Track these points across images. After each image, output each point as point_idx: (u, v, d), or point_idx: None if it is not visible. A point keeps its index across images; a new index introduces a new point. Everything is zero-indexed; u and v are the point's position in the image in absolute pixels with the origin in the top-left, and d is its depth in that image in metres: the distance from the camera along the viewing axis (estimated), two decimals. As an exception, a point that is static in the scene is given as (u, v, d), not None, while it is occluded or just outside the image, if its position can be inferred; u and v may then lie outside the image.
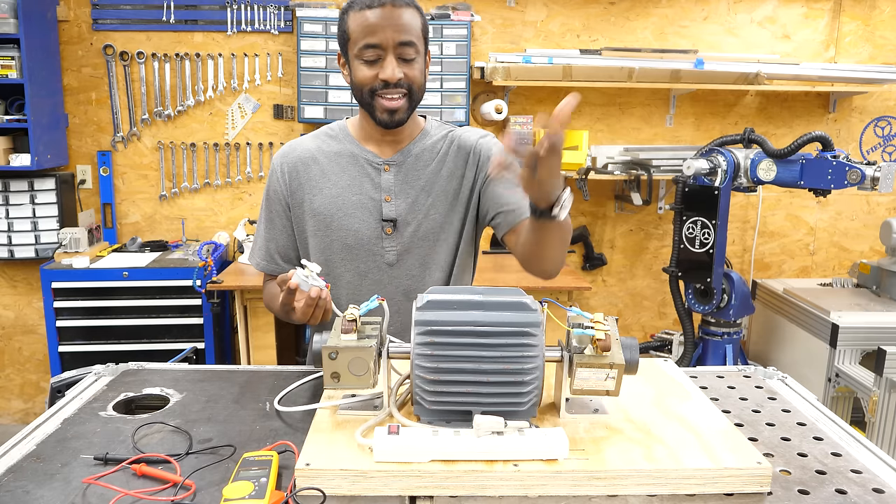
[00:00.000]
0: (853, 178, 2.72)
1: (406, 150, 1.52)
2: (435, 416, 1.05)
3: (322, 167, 1.52)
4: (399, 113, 1.42)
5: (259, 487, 0.89)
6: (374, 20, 1.35)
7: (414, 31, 1.38)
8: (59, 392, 1.34)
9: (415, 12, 1.40)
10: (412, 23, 1.38)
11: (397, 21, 1.35)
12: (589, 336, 1.05)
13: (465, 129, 1.60)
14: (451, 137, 1.57)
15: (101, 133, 3.58)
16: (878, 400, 2.55)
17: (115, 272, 3.15)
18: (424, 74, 1.45)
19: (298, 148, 1.55)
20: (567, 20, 3.63)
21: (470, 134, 1.57)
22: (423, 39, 1.42)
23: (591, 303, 3.88)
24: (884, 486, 0.99)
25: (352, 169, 1.51)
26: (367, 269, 1.51)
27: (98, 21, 3.47)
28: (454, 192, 1.53)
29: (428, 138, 1.55)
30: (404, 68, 1.39)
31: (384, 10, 1.34)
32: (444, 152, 1.54)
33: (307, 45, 3.40)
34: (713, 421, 1.11)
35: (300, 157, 1.53)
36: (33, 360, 3.74)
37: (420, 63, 1.42)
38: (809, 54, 3.73)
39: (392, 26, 1.35)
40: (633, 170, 3.49)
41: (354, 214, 1.49)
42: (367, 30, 1.35)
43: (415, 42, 1.38)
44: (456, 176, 1.54)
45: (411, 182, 1.51)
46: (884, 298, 3.18)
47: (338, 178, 1.50)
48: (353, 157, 1.51)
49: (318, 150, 1.53)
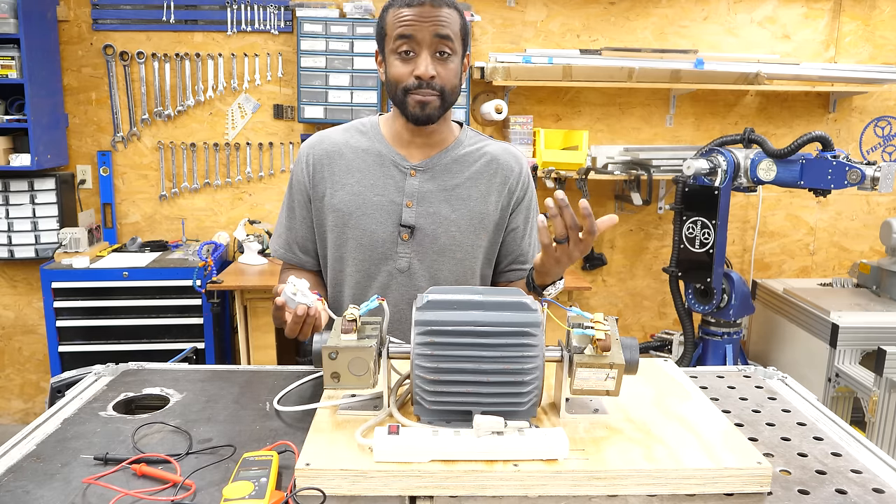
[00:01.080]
0: (853, 178, 2.72)
1: (436, 158, 1.49)
2: (435, 416, 1.05)
3: (348, 162, 1.49)
4: (430, 108, 1.39)
5: (259, 487, 0.89)
6: (412, 14, 1.35)
7: (452, 27, 1.37)
8: (59, 392, 1.34)
9: (454, 12, 1.39)
10: (451, 20, 1.37)
11: (437, 16, 1.35)
12: (589, 336, 1.05)
13: (499, 145, 1.56)
14: (487, 154, 1.52)
15: (101, 133, 3.58)
16: (878, 400, 2.55)
17: (115, 272, 3.15)
18: (460, 78, 1.43)
19: (327, 140, 1.53)
20: (567, 20, 3.63)
21: (507, 157, 1.53)
22: (461, 40, 1.40)
23: (591, 303, 3.88)
24: (884, 486, 0.99)
25: (377, 168, 1.48)
26: (377, 272, 1.49)
27: (98, 21, 3.47)
28: (481, 214, 1.49)
29: (461, 148, 1.51)
30: (439, 67, 1.37)
31: (423, 7, 1.35)
32: (479, 170, 1.50)
33: (307, 45, 3.40)
34: (713, 421, 1.11)
35: (327, 149, 1.51)
36: (33, 360, 3.74)
37: (456, 64, 1.40)
38: (809, 54, 3.73)
39: (430, 20, 1.34)
40: (633, 170, 3.49)
41: (373, 215, 1.46)
42: (404, 23, 1.35)
43: (452, 38, 1.37)
44: (489, 200, 1.50)
45: (436, 192, 1.47)
46: (884, 298, 3.18)
47: (362, 175, 1.48)
48: (380, 157, 1.48)
49: (345, 145, 1.51)
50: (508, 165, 1.52)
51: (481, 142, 1.55)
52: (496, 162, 1.51)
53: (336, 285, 1.55)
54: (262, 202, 3.66)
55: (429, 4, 1.35)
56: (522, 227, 1.56)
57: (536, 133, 3.51)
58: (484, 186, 1.50)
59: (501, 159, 1.52)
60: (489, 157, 1.51)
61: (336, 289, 1.55)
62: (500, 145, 1.56)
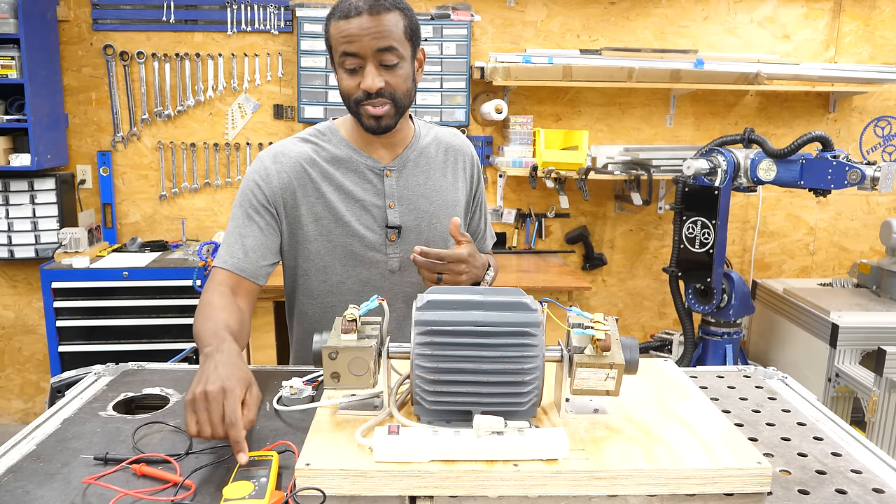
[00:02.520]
0: (853, 178, 2.72)
1: (405, 155, 1.51)
2: (435, 416, 1.05)
3: (322, 170, 1.46)
4: (385, 119, 1.39)
5: (259, 487, 0.89)
6: (351, 29, 1.31)
7: (394, 35, 1.33)
8: (59, 392, 1.34)
9: (396, 15, 1.34)
10: (392, 28, 1.33)
11: (375, 28, 1.31)
12: (589, 336, 1.05)
13: (446, 130, 1.62)
14: (441, 141, 1.58)
15: (101, 133, 3.58)
16: (878, 400, 2.55)
17: (115, 272, 3.15)
18: (413, 77, 1.41)
19: (291, 151, 1.47)
20: (567, 20, 3.63)
21: (459, 141, 1.61)
22: (408, 42, 1.37)
23: (591, 303, 3.88)
24: (884, 486, 0.99)
25: (353, 174, 1.47)
26: (370, 276, 1.49)
27: (98, 21, 3.47)
28: (454, 202, 1.56)
29: (421, 140, 1.55)
30: (386, 76, 1.35)
31: (360, 18, 1.31)
32: (442, 160, 1.56)
33: (307, 45, 3.40)
34: (713, 421, 1.11)
35: (296, 160, 1.46)
36: (33, 360, 3.74)
37: (405, 68, 1.37)
38: (809, 54, 3.73)
39: (369, 34, 1.31)
40: (633, 170, 3.49)
41: (360, 221, 1.46)
42: (345, 39, 1.32)
43: (395, 47, 1.34)
44: (458, 186, 1.57)
45: (412, 188, 1.50)
46: (884, 298, 3.18)
47: (340, 182, 1.46)
48: (353, 162, 1.48)
49: (313, 153, 1.47)
50: (462, 149, 1.60)
51: (430, 130, 1.59)
52: (452, 148, 1.58)
53: (318, 295, 1.51)
54: (262, 202, 3.65)
55: (366, 13, 1.30)
56: (476, 207, 1.66)
57: (536, 133, 3.51)
58: (451, 174, 1.56)
59: (455, 144, 1.59)
60: (444, 145, 1.57)
61: (319, 299, 1.51)
62: (446, 130, 1.62)
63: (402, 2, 1.38)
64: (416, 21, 1.40)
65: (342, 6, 1.33)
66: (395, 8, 1.34)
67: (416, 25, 1.40)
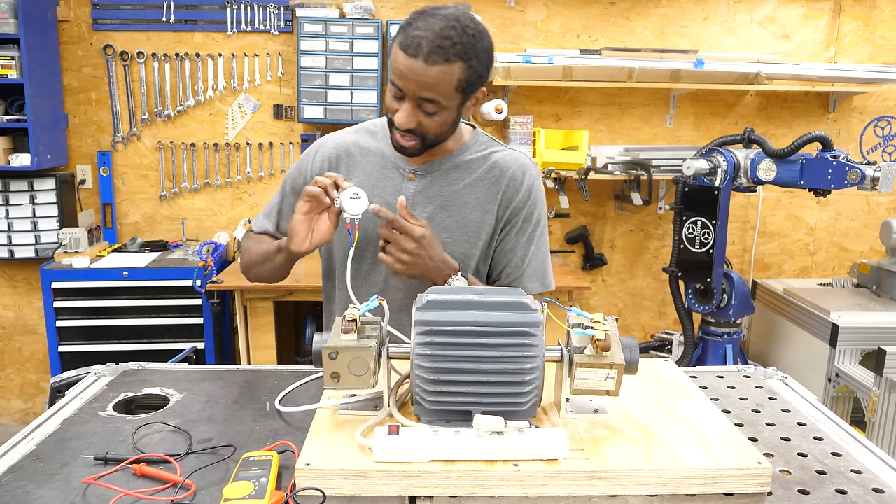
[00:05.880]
0: (853, 178, 2.72)
1: (436, 163, 1.47)
2: (435, 416, 1.05)
3: (354, 161, 1.50)
4: (409, 150, 1.38)
5: (259, 487, 0.89)
6: (403, 66, 1.27)
7: (441, 89, 1.28)
8: (59, 392, 1.34)
9: (456, 67, 1.26)
10: (442, 82, 1.27)
11: (423, 77, 1.26)
12: (589, 336, 1.05)
13: (509, 154, 1.50)
14: (493, 160, 1.48)
15: (101, 133, 3.58)
16: (878, 400, 2.55)
17: (115, 272, 3.15)
18: (451, 123, 1.37)
19: (337, 139, 1.55)
20: (567, 20, 3.63)
21: (512, 165, 1.48)
22: (457, 94, 1.31)
23: (591, 303, 3.88)
24: (884, 486, 0.99)
25: (378, 170, 1.48)
26: (369, 272, 1.49)
27: (98, 21, 3.47)
28: (476, 223, 1.46)
29: (466, 154, 1.48)
30: (422, 117, 1.32)
31: (415, 60, 1.25)
32: (479, 177, 1.47)
33: (307, 45, 3.40)
34: (713, 421, 1.11)
35: (334, 148, 1.52)
36: (33, 360, 3.74)
37: (444, 116, 1.33)
38: (809, 54, 3.73)
39: (416, 80, 1.27)
40: (633, 170, 3.49)
41: (371, 217, 1.45)
42: (396, 70, 1.29)
43: (438, 100, 1.29)
44: (486, 209, 1.46)
45: (432, 197, 1.46)
46: (884, 298, 3.18)
47: (364, 175, 1.48)
48: (383, 159, 1.49)
49: (353, 144, 1.52)
50: (512, 174, 1.47)
51: (491, 148, 1.51)
52: (499, 169, 1.47)
53: (329, 279, 1.59)
54: (262, 202, 3.66)
55: (422, 59, 1.25)
56: (516, 239, 1.50)
57: (536, 133, 3.51)
58: (482, 194, 1.47)
59: (505, 167, 1.48)
60: (492, 164, 1.48)
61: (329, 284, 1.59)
62: (510, 153, 1.51)
63: (473, 50, 1.28)
64: (481, 70, 1.32)
65: (410, 35, 1.27)
66: (457, 59, 1.27)
67: (476, 77, 1.32)
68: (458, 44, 1.26)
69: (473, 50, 1.28)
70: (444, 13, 1.28)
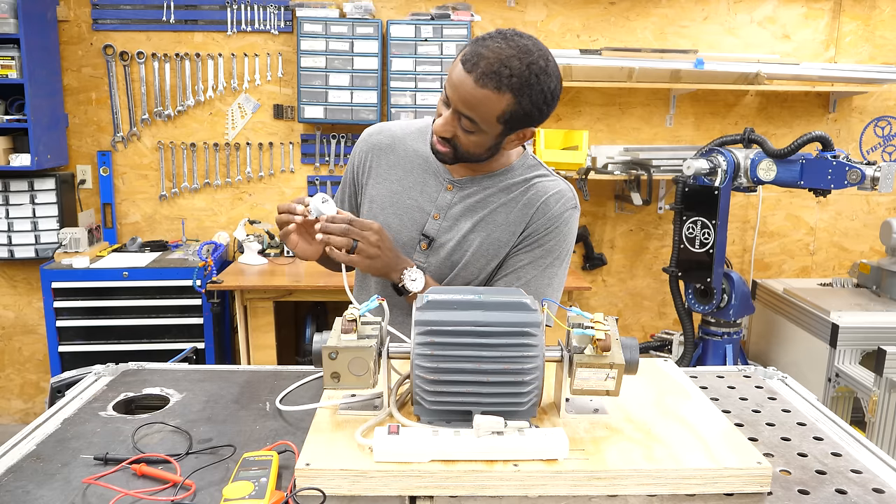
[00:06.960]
0: (853, 178, 2.72)
1: (476, 179, 1.45)
2: (435, 416, 1.05)
3: (397, 158, 1.50)
4: (441, 156, 1.38)
5: (259, 487, 0.89)
6: (456, 77, 1.26)
7: (481, 112, 1.26)
8: (59, 392, 1.34)
9: (504, 98, 1.24)
10: (486, 105, 1.24)
11: (468, 94, 1.24)
12: (589, 336, 1.05)
13: (551, 184, 1.46)
14: (532, 186, 1.45)
15: (101, 133, 3.58)
16: (878, 400, 2.55)
17: (115, 272, 3.15)
18: (487, 147, 1.34)
19: (386, 131, 1.54)
20: (567, 20, 3.63)
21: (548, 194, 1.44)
22: (497, 125, 1.28)
23: (591, 303, 3.88)
24: (884, 486, 0.99)
25: (418, 173, 1.48)
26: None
27: (98, 21, 3.47)
28: (500, 242, 1.45)
29: (508, 177, 1.45)
30: (458, 130, 1.30)
31: (467, 76, 1.23)
32: (514, 199, 1.44)
33: (307, 45, 3.40)
34: (713, 421, 1.11)
35: (382, 140, 1.52)
36: (33, 360, 3.74)
37: (481, 139, 1.31)
38: (809, 54, 3.73)
39: (461, 95, 1.25)
40: (633, 170, 3.49)
41: (401, 217, 1.46)
42: (450, 78, 1.28)
43: (475, 121, 1.27)
44: (512, 231, 1.44)
45: (466, 212, 1.45)
46: (884, 298, 3.18)
47: (404, 175, 1.48)
48: (426, 163, 1.47)
49: (401, 141, 1.51)
50: (546, 200, 1.43)
51: (536, 172, 1.47)
52: (535, 194, 1.44)
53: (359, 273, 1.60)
54: (262, 202, 3.66)
55: (472, 76, 1.23)
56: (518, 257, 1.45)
57: (536, 133, 3.51)
58: (514, 216, 1.44)
59: (542, 193, 1.44)
60: (530, 188, 1.44)
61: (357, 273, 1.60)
62: (555, 182, 1.47)
63: (529, 88, 1.25)
64: (531, 111, 1.28)
65: (476, 49, 1.25)
66: (508, 90, 1.23)
67: (523, 114, 1.28)
68: (514, 77, 1.22)
69: (529, 88, 1.24)
70: (519, 42, 1.25)
